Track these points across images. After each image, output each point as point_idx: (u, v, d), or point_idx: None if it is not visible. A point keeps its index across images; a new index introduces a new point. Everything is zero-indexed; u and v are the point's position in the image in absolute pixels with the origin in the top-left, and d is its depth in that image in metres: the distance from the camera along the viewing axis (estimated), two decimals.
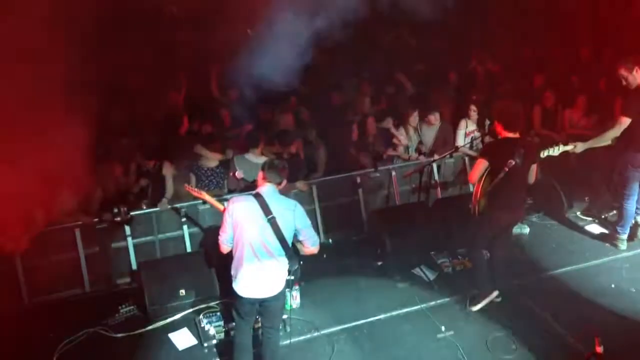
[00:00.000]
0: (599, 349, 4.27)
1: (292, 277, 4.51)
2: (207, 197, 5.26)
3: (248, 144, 6.84)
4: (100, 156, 6.80)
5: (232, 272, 4.48)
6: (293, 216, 4.39)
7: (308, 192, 7.05)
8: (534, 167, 5.40)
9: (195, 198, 5.84)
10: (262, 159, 6.17)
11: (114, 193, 6.74)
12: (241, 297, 4.47)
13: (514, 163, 5.10)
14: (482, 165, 5.28)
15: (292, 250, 4.45)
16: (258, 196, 4.39)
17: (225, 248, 4.48)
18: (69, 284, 6.17)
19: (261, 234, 4.33)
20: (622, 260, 6.36)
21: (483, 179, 5.31)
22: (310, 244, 4.50)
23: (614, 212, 6.94)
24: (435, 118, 8.14)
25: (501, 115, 5.27)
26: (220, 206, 4.96)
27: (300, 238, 4.48)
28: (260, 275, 4.39)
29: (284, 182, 4.52)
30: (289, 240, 4.41)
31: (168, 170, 6.94)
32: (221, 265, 5.33)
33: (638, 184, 6.30)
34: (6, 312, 5.58)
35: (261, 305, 4.51)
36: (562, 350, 5.05)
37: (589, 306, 5.59)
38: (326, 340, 5.31)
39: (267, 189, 4.42)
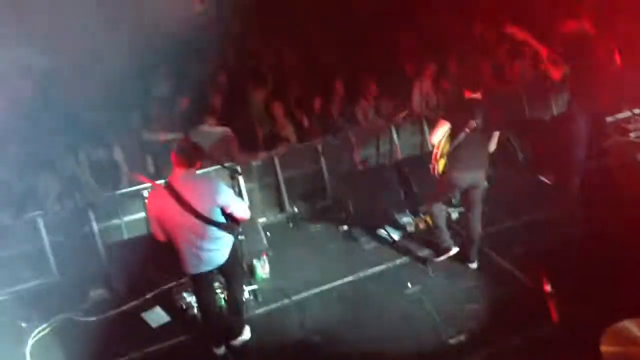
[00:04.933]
0: (547, 288, 4.61)
1: (235, 236, 4.53)
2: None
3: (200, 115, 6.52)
4: None
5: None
6: (212, 197, 4.23)
7: (269, 163, 7.06)
8: (496, 134, 5.34)
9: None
10: (217, 130, 6.07)
11: None
12: (191, 275, 4.57)
13: (474, 125, 5.08)
14: (442, 126, 5.24)
15: (226, 221, 4.37)
16: (170, 186, 4.20)
17: (158, 237, 4.44)
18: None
19: (184, 223, 4.23)
20: None
21: (443, 139, 5.29)
22: (240, 215, 4.39)
23: None
24: None
25: (460, 75, 5.17)
26: None
27: (228, 212, 4.33)
28: (200, 255, 4.41)
29: (198, 164, 4.32)
30: (217, 217, 4.30)
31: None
32: None
33: None
34: None
35: (213, 273, 4.60)
36: (525, 295, 5.19)
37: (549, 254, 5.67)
38: (297, 307, 5.41)
39: (178, 176, 4.23)
